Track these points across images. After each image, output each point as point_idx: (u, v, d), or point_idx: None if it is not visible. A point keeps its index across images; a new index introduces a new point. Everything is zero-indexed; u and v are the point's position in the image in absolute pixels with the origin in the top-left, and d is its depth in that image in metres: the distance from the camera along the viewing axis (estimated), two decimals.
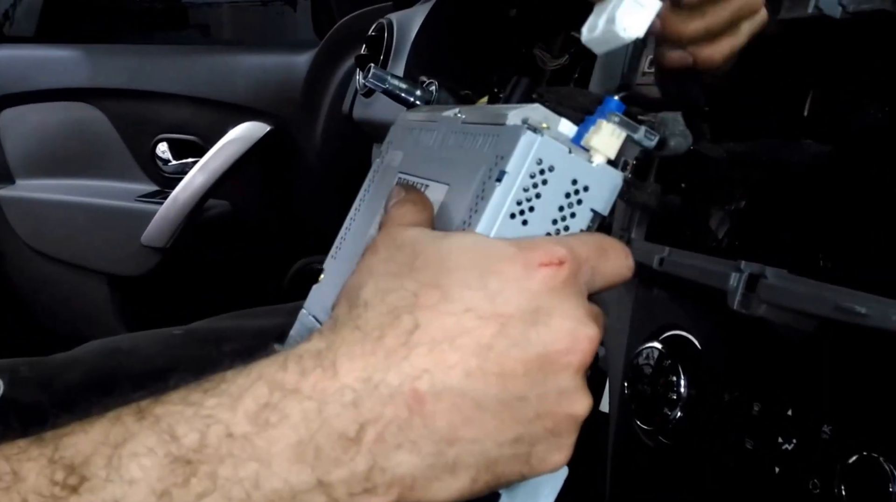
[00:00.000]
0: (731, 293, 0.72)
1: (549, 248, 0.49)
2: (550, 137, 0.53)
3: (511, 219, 0.53)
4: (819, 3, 0.70)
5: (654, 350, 0.84)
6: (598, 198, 0.54)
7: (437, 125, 0.66)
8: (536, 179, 0.53)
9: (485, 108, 0.63)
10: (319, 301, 0.75)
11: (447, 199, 0.59)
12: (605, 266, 0.52)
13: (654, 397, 0.82)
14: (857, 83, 0.75)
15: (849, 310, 0.62)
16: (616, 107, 0.57)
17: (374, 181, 0.75)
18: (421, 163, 0.66)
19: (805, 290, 0.66)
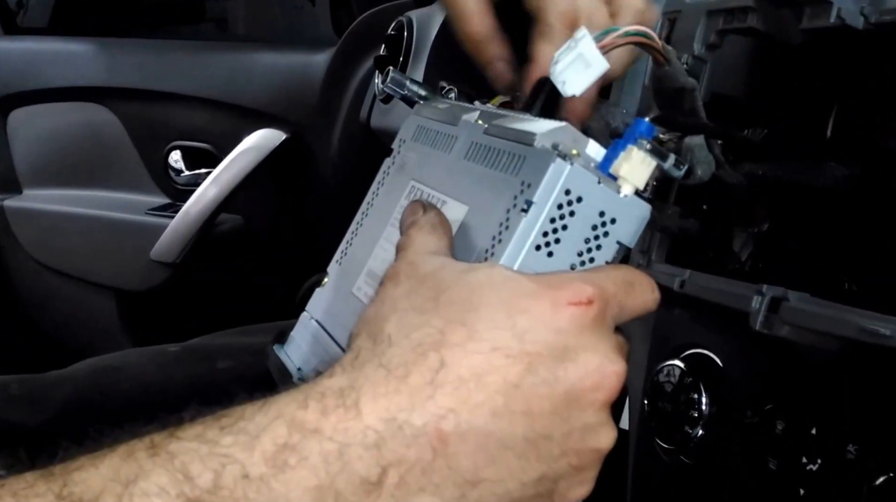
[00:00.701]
0: (754, 314, 0.73)
1: (577, 287, 0.50)
2: (580, 165, 0.54)
3: (536, 250, 0.54)
4: (841, 13, 0.71)
5: (675, 368, 0.85)
6: (625, 231, 0.55)
7: (457, 131, 0.66)
8: (564, 210, 0.54)
9: (509, 116, 0.64)
10: (322, 304, 0.75)
11: (467, 221, 0.59)
12: (632, 300, 0.54)
13: (675, 415, 0.84)
14: (882, 98, 0.76)
15: (873, 332, 0.63)
16: (647, 130, 0.57)
17: (384, 183, 0.75)
18: (437, 174, 0.66)
19: (828, 313, 0.67)
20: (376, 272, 0.68)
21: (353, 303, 0.70)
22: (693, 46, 0.85)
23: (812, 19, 0.74)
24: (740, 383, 0.81)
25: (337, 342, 0.70)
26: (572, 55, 0.61)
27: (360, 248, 0.74)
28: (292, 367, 0.73)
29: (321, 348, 0.72)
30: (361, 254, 0.72)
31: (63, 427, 0.91)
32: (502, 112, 0.67)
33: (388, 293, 0.53)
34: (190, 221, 2.18)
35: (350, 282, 0.71)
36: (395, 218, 0.68)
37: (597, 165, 0.56)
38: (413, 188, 0.69)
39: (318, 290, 0.78)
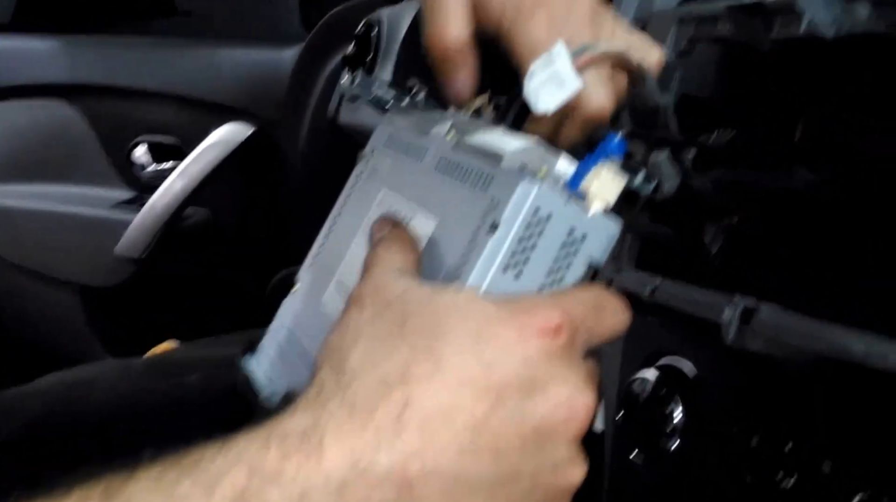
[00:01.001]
0: (726, 327, 0.72)
1: (545, 314, 0.49)
2: (549, 185, 0.53)
3: (504, 272, 0.53)
4: (812, 24, 0.71)
5: (648, 378, 0.85)
6: (595, 248, 0.55)
7: (428, 143, 0.65)
8: (532, 230, 0.53)
9: (480, 130, 0.63)
10: (293, 312, 0.74)
11: (436, 236, 0.58)
12: (602, 325, 0.53)
13: (650, 427, 0.83)
14: (850, 107, 0.75)
15: (845, 350, 0.62)
16: (618, 147, 0.56)
17: (356, 188, 0.74)
18: (408, 184, 0.65)
19: (801, 327, 0.67)
20: (345, 283, 0.67)
21: (322, 315, 0.68)
22: None
23: (782, 28, 0.73)
24: (715, 395, 0.81)
25: (307, 353, 0.68)
26: (547, 72, 0.60)
27: (330, 255, 0.72)
28: (262, 379, 0.72)
29: (291, 360, 0.70)
30: (332, 261, 0.71)
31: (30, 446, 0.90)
32: (473, 124, 0.65)
33: (353, 319, 0.51)
34: (156, 215, 2.16)
35: (320, 291, 0.70)
36: (367, 226, 0.67)
37: (566, 181, 0.55)
38: (385, 196, 0.68)
39: (290, 297, 0.76)
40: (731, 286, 0.74)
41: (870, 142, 0.73)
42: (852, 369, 0.64)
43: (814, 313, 0.68)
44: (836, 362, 0.65)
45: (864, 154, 0.73)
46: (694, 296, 0.77)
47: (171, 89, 2.27)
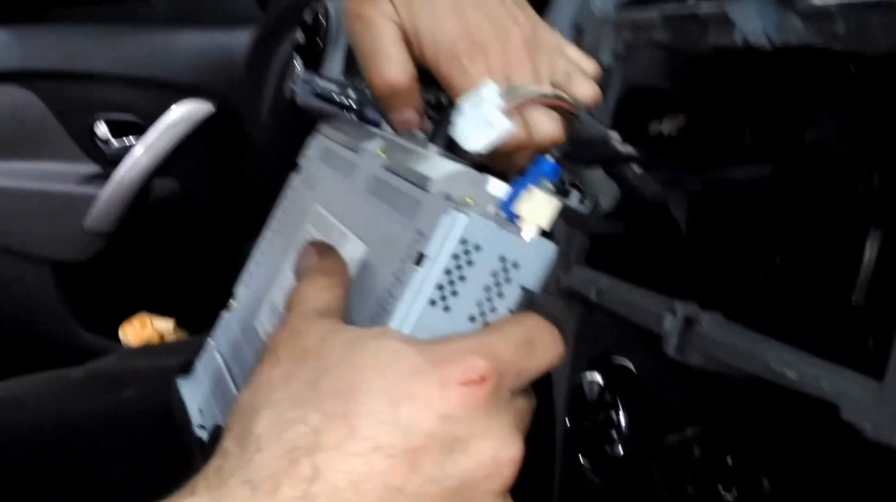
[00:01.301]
0: (667, 337, 0.72)
1: (469, 364, 0.47)
2: (477, 213, 0.51)
3: (431, 306, 0.51)
4: (745, 34, 0.70)
5: (594, 382, 0.85)
6: (529, 274, 0.53)
7: (358, 161, 0.64)
8: (461, 261, 0.51)
9: (410, 151, 0.61)
10: (227, 334, 0.73)
11: (365, 263, 0.57)
12: (533, 363, 0.51)
13: (595, 433, 0.83)
14: (790, 111, 0.75)
15: (780, 374, 0.62)
16: (550, 170, 0.55)
17: (289, 200, 0.73)
18: (339, 203, 0.64)
19: (739, 343, 0.67)
20: (277, 306, 0.65)
21: (254, 340, 0.67)
22: (601, 57, 0.83)
23: (717, 37, 0.72)
24: (659, 402, 0.81)
25: (236, 385, 0.67)
26: (477, 113, 0.59)
27: (264, 272, 0.71)
28: (193, 409, 0.70)
29: (222, 390, 0.69)
30: (265, 279, 0.69)
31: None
32: (404, 143, 0.64)
33: (265, 376, 0.49)
34: (123, 188, 2.15)
35: (252, 312, 0.69)
36: (299, 243, 0.66)
37: (498, 204, 0.53)
38: (316, 213, 0.67)
39: (224, 316, 0.75)
40: (678, 288, 0.74)
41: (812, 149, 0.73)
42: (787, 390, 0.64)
43: (757, 323, 0.68)
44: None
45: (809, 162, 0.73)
46: (638, 301, 0.77)
47: (126, 72, 2.25)
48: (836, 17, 0.62)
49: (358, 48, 0.67)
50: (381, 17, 0.65)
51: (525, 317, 0.52)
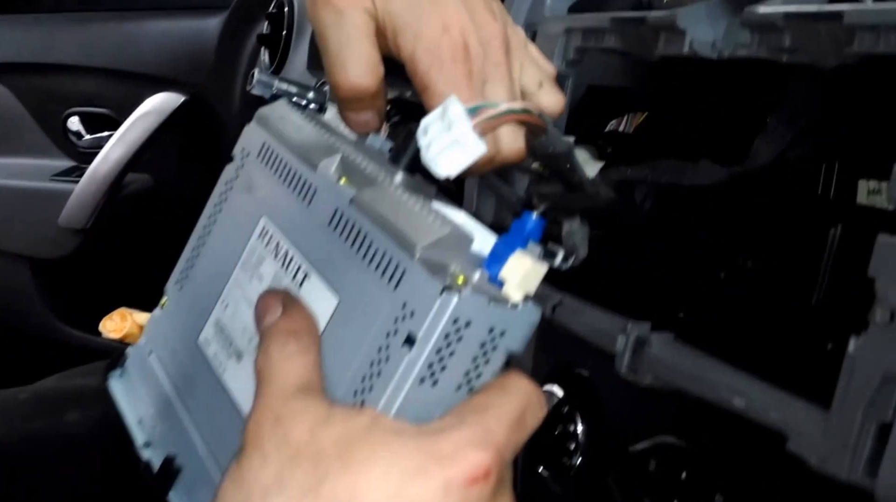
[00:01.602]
0: (619, 357, 0.71)
1: (471, 460, 0.45)
2: (469, 291, 0.49)
3: (420, 383, 0.49)
4: (693, 45, 0.68)
5: (554, 394, 0.83)
6: (515, 340, 0.51)
7: (316, 179, 0.59)
8: (451, 338, 0.49)
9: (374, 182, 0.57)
10: (159, 334, 0.70)
11: (338, 322, 0.54)
12: (525, 434, 0.49)
13: (555, 444, 0.82)
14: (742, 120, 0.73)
15: (727, 400, 0.61)
16: (535, 229, 0.53)
17: (227, 198, 0.68)
18: (296, 228, 0.60)
19: (688, 367, 0.65)
20: (227, 330, 0.62)
21: (199, 358, 0.64)
22: (553, 61, 0.81)
23: (667, 46, 0.71)
24: (616, 414, 0.79)
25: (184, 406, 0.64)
26: (445, 139, 0.55)
27: (203, 279, 0.67)
28: (132, 420, 0.67)
29: (167, 411, 0.65)
30: (206, 288, 0.65)
31: None
32: (365, 163, 0.59)
33: (255, 476, 0.46)
34: (96, 184, 2.12)
35: (195, 325, 0.65)
36: (247, 260, 0.63)
37: (483, 263, 0.51)
38: (267, 227, 0.62)
39: (155, 316, 0.71)
40: (635, 306, 0.72)
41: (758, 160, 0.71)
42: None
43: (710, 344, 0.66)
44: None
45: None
46: (591, 320, 0.75)
47: (96, 63, 2.23)
48: (783, 29, 0.60)
49: (323, 40, 0.61)
50: (353, 5, 0.59)
51: (511, 385, 0.50)
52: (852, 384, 0.52)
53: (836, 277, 0.67)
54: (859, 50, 0.55)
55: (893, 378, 0.50)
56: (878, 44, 0.54)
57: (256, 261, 0.62)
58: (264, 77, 1.10)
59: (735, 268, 0.75)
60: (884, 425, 0.51)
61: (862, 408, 0.52)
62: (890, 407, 0.51)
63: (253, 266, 0.62)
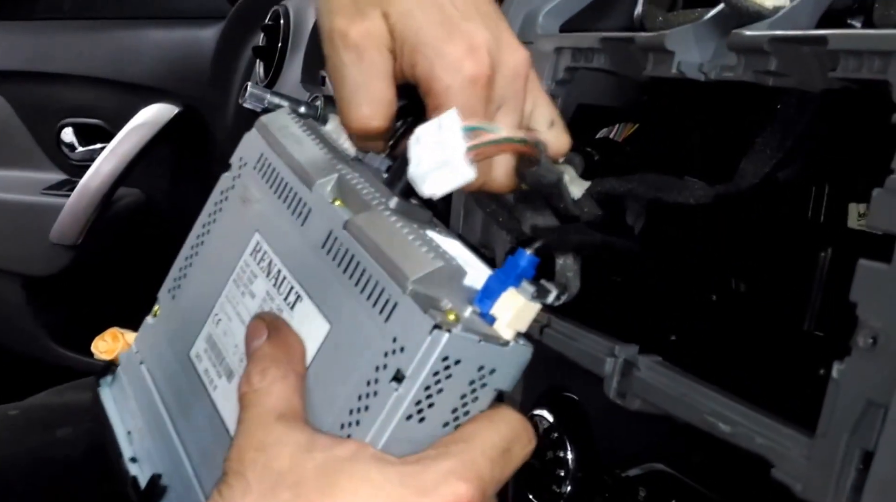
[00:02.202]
0: (608, 380, 0.71)
1: (453, 490, 0.46)
2: (460, 329, 0.49)
3: (407, 420, 0.49)
4: (681, 67, 0.69)
5: (544, 419, 0.84)
6: (504, 378, 0.51)
7: (311, 199, 0.59)
8: (440, 376, 0.49)
9: (369, 207, 0.57)
10: (151, 343, 0.70)
11: (328, 348, 0.54)
12: (510, 468, 0.50)
13: (544, 471, 0.82)
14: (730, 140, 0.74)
15: (714, 425, 0.61)
16: (528, 266, 0.53)
17: (223, 209, 0.68)
18: (289, 248, 0.60)
19: (675, 391, 0.66)
20: (219, 346, 0.63)
21: (190, 373, 0.64)
22: (543, 81, 0.82)
23: (655, 67, 0.72)
24: (606, 440, 0.80)
25: (173, 422, 0.65)
26: (436, 157, 0.53)
27: (196, 291, 0.67)
28: (121, 432, 0.68)
29: (157, 425, 0.66)
30: (199, 301, 0.66)
31: None
32: (361, 185, 0.59)
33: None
34: (87, 198, 2.12)
35: (187, 338, 0.66)
36: (239, 276, 0.63)
37: (475, 299, 0.52)
38: (260, 245, 0.62)
39: (147, 324, 0.71)
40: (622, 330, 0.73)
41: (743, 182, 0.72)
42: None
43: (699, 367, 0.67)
44: None
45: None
46: (580, 343, 0.76)
47: (92, 72, 2.24)
48: (768, 52, 0.61)
49: (339, 79, 0.59)
50: (373, 44, 0.57)
51: (499, 417, 0.51)
52: (836, 410, 0.53)
53: (826, 302, 0.68)
54: (844, 75, 0.56)
55: (877, 404, 0.51)
56: (861, 69, 0.55)
57: (249, 278, 0.62)
58: (257, 90, 1.10)
59: (727, 291, 0.76)
60: (867, 453, 0.52)
61: (846, 435, 0.53)
62: (873, 434, 0.51)
63: (245, 282, 0.63)
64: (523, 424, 0.51)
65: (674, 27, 0.70)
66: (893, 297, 0.51)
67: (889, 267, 0.52)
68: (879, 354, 0.51)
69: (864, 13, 0.66)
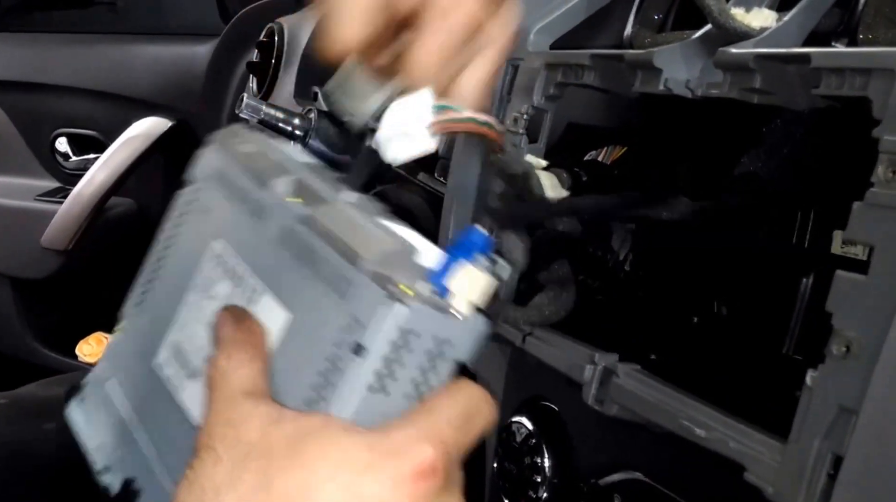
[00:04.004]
0: (587, 387, 0.72)
1: (418, 452, 0.46)
2: (415, 302, 0.50)
3: (370, 392, 0.50)
4: (668, 83, 0.69)
5: (522, 426, 0.84)
6: (462, 350, 0.52)
7: (267, 198, 0.60)
8: (398, 348, 0.50)
9: (327, 196, 0.58)
10: (119, 364, 0.69)
11: (290, 337, 0.55)
12: (472, 435, 0.50)
13: (521, 477, 0.83)
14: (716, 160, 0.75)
15: (689, 430, 0.62)
16: (483, 244, 0.53)
17: (184, 221, 0.68)
18: (250, 250, 0.60)
19: (653, 397, 0.66)
20: (183, 351, 0.63)
21: (156, 381, 0.64)
22: (533, 97, 0.82)
23: (644, 84, 0.72)
24: (583, 448, 0.80)
25: (143, 429, 0.64)
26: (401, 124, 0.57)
27: (159, 303, 0.67)
28: (91, 447, 0.67)
29: (125, 437, 0.65)
30: (162, 312, 0.65)
31: None
32: (318, 182, 0.60)
33: (207, 475, 0.47)
34: (79, 206, 2.13)
35: (151, 348, 0.65)
36: (202, 282, 0.63)
37: (429, 276, 0.52)
38: (222, 251, 0.62)
39: (114, 340, 0.71)
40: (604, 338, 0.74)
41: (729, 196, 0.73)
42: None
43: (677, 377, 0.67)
44: None
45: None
46: (561, 350, 0.76)
47: (88, 84, 2.25)
48: (754, 70, 0.62)
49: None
50: None
51: (459, 390, 0.51)
52: (809, 415, 0.54)
53: (805, 326, 0.69)
54: (826, 92, 0.57)
55: (848, 409, 0.52)
56: (843, 86, 0.56)
57: (210, 283, 0.63)
58: (253, 101, 1.11)
59: (709, 313, 0.76)
60: (838, 458, 0.52)
61: (818, 440, 0.53)
62: (844, 439, 0.52)
63: (207, 287, 0.63)
64: (483, 396, 0.51)
65: (662, 45, 0.71)
66: (868, 308, 0.52)
67: (865, 278, 0.52)
68: (852, 362, 0.52)
69: (847, 35, 0.68)
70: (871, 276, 0.52)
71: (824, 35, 0.68)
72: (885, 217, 0.51)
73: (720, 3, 0.68)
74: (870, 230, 0.52)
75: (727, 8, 0.68)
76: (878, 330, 0.51)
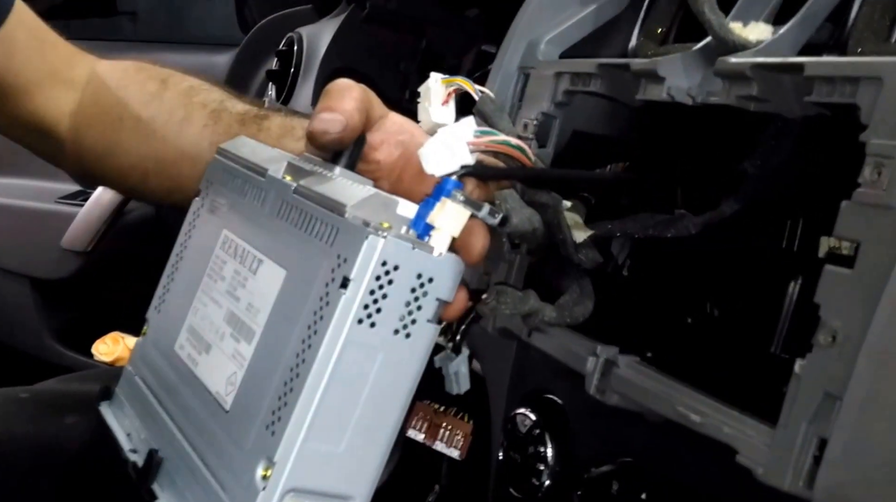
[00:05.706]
0: (589, 377, 0.74)
1: None
2: (393, 236, 0.54)
3: (359, 324, 0.53)
4: (671, 91, 0.72)
5: (527, 416, 0.86)
6: (443, 287, 0.56)
7: (266, 185, 0.65)
8: (382, 281, 0.54)
9: (317, 173, 0.63)
10: (145, 360, 0.73)
11: (286, 288, 0.59)
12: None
13: (525, 465, 0.85)
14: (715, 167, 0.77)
15: (685, 417, 0.64)
16: (453, 186, 0.59)
17: (195, 226, 0.73)
18: (251, 228, 0.65)
19: (651, 386, 0.69)
20: (198, 330, 0.67)
21: (176, 363, 0.68)
22: (543, 104, 0.85)
23: (647, 91, 0.75)
24: (582, 437, 0.82)
25: (165, 409, 0.68)
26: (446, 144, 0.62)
27: (177, 298, 0.71)
28: (121, 435, 0.70)
29: (151, 416, 0.69)
30: (180, 304, 0.70)
31: None
32: (309, 166, 0.65)
33: None
34: (100, 209, 2.16)
35: (171, 337, 0.70)
36: (212, 269, 0.67)
37: (409, 223, 0.56)
38: (227, 239, 0.67)
39: (139, 342, 0.75)
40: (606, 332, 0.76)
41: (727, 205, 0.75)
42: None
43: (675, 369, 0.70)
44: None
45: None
46: (565, 343, 0.78)
47: None
48: (750, 78, 0.65)
49: None
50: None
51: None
52: (797, 401, 0.56)
53: (793, 326, 0.71)
54: (818, 99, 0.60)
55: (833, 396, 0.54)
56: (833, 94, 0.58)
57: (219, 266, 0.67)
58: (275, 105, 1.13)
59: (702, 314, 0.79)
60: (823, 441, 0.55)
61: (804, 424, 0.55)
62: (829, 423, 0.54)
63: (216, 271, 0.67)
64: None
65: (665, 55, 0.73)
66: (853, 300, 0.54)
67: (851, 272, 0.55)
68: (837, 351, 0.54)
69: (838, 49, 0.70)
70: (856, 271, 0.55)
71: (817, 48, 0.70)
72: (871, 214, 0.54)
73: (719, 17, 0.71)
74: (856, 227, 0.55)
75: (726, 22, 0.71)
76: (863, 321, 0.53)
